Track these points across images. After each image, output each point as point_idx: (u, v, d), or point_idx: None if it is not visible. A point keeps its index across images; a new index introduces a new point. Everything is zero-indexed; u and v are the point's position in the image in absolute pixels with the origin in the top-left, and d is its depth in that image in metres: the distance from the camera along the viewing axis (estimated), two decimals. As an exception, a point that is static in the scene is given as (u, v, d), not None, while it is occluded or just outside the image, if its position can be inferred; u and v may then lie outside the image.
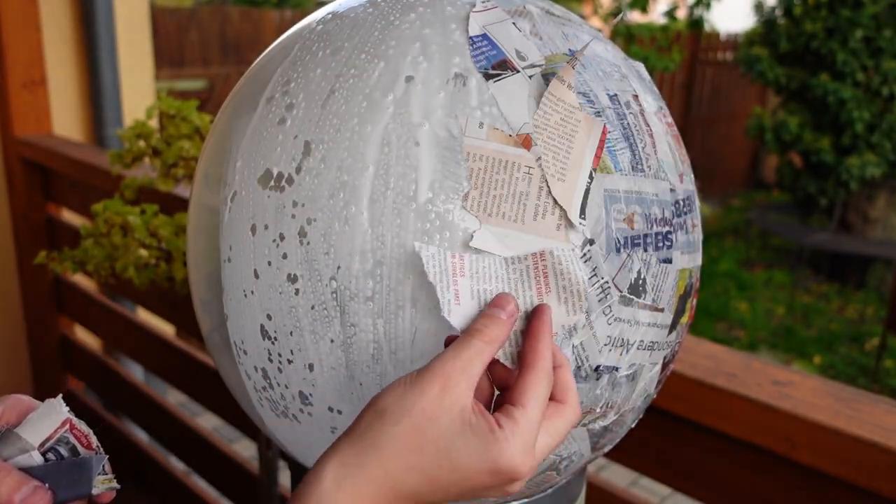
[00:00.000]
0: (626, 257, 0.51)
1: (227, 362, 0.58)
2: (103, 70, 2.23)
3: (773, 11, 5.54)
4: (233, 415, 1.48)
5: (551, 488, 0.63)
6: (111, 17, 2.22)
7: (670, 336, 0.57)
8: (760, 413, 0.80)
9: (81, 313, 2.08)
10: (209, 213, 0.57)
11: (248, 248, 0.52)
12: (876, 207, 5.24)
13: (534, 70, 0.51)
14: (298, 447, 0.59)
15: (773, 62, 5.38)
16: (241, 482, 1.52)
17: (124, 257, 1.08)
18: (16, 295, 2.29)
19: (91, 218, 1.35)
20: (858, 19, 4.94)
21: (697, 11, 4.64)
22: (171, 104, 1.17)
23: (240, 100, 0.58)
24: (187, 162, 1.14)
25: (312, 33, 0.56)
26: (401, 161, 0.48)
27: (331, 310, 0.50)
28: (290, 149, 0.51)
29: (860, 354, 4.10)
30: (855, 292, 4.98)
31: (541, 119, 0.49)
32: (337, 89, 0.51)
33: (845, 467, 0.75)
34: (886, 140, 5.03)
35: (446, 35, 0.52)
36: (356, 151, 0.49)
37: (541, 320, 0.47)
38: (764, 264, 5.45)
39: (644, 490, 2.55)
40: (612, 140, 0.52)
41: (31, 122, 2.09)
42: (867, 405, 0.79)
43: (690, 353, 0.89)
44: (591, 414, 0.55)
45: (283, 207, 0.51)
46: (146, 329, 1.75)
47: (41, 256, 1.16)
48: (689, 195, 0.59)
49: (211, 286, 0.57)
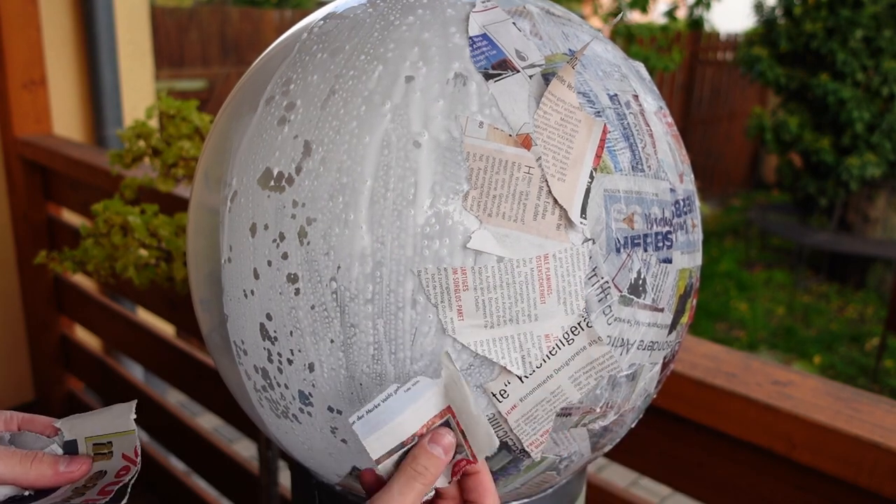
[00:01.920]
0: (626, 257, 0.51)
1: (227, 362, 0.58)
2: (103, 70, 2.23)
3: (773, 11, 5.54)
4: (233, 415, 1.49)
5: (551, 488, 0.63)
6: (111, 17, 2.22)
7: (670, 336, 0.57)
8: (760, 413, 0.80)
9: (81, 313, 2.08)
10: (209, 213, 0.57)
11: (248, 248, 0.52)
12: (876, 207, 5.24)
13: (534, 70, 0.51)
14: (298, 447, 0.59)
15: (773, 62, 5.38)
16: (241, 482, 1.52)
17: (124, 257, 1.08)
18: (16, 295, 2.29)
19: (91, 218, 1.35)
20: (858, 19, 4.94)
21: (697, 11, 4.64)
22: (171, 104, 1.17)
23: (240, 100, 0.58)
24: (187, 162, 1.14)
25: (312, 34, 0.56)
26: (400, 163, 0.48)
27: (331, 310, 0.50)
28: (289, 149, 0.51)
29: (860, 354, 4.10)
30: (855, 292, 4.98)
31: (541, 119, 0.49)
32: (337, 90, 0.51)
33: (845, 467, 0.75)
34: (886, 140, 5.03)
35: (446, 38, 0.52)
36: (355, 153, 0.49)
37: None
38: (764, 264, 5.45)
39: (644, 490, 2.55)
40: (613, 140, 0.52)
41: (30, 122, 2.09)
42: (867, 405, 0.79)
43: (690, 353, 0.89)
44: (591, 414, 0.55)
45: (283, 207, 0.51)
46: (146, 329, 1.75)
47: (41, 256, 1.16)
48: (689, 195, 0.59)
49: (211, 286, 0.57)
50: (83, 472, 0.49)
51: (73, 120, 2.30)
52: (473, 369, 0.49)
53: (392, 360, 0.50)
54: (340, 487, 0.64)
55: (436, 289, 0.47)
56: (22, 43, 2.04)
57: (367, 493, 0.49)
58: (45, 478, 0.48)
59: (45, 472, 0.48)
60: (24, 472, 0.47)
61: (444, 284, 0.47)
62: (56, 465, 0.48)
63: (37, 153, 2.01)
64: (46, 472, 0.48)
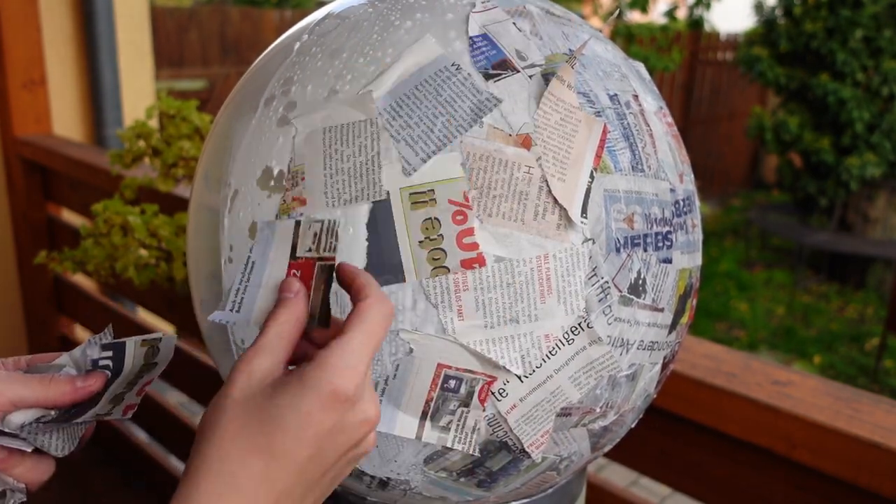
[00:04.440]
0: (626, 257, 0.51)
1: (227, 362, 0.58)
2: (103, 70, 2.23)
3: (773, 11, 5.54)
4: (233, 415, 1.48)
5: (551, 488, 0.63)
6: (111, 17, 2.22)
7: (670, 336, 0.57)
8: (760, 413, 0.80)
9: (81, 313, 2.08)
10: (209, 213, 0.57)
11: (248, 247, 0.52)
12: (876, 207, 5.24)
13: (534, 70, 0.51)
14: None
15: (773, 62, 5.38)
16: (241, 482, 1.52)
17: (124, 257, 1.08)
18: (16, 295, 2.29)
19: (91, 218, 1.35)
20: (858, 19, 4.94)
21: (697, 11, 4.64)
22: (171, 104, 1.17)
23: (240, 100, 0.58)
24: (187, 162, 1.14)
25: (312, 34, 0.56)
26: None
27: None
28: (289, 149, 0.51)
29: (860, 354, 4.10)
30: (855, 292, 4.98)
31: (541, 119, 0.49)
32: (337, 91, 0.51)
33: (845, 467, 0.75)
34: (886, 140, 5.03)
35: (445, 43, 0.51)
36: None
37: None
38: (764, 264, 5.45)
39: (644, 490, 2.55)
40: (612, 140, 0.52)
41: (30, 122, 2.09)
42: (867, 405, 0.79)
43: (690, 353, 0.89)
44: (591, 414, 0.55)
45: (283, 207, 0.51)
46: (146, 329, 1.75)
47: (41, 256, 1.16)
48: (688, 195, 0.59)
49: (211, 286, 0.57)
50: (99, 384, 0.51)
51: (73, 120, 2.30)
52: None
53: (392, 360, 0.50)
54: (340, 487, 0.64)
55: (436, 289, 0.47)
56: (22, 43, 2.04)
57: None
58: (66, 395, 0.50)
59: (64, 389, 0.50)
60: (44, 392, 0.49)
61: (445, 284, 0.47)
62: (73, 382, 0.50)
63: (37, 153, 2.01)
64: (65, 389, 0.50)
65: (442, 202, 0.47)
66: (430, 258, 0.47)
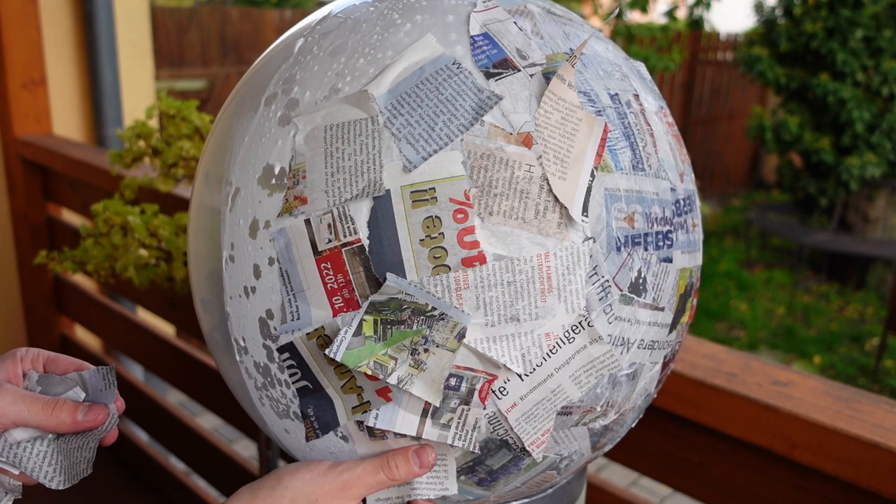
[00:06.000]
0: (627, 256, 0.51)
1: (228, 361, 0.58)
2: (103, 70, 2.23)
3: (773, 11, 5.54)
4: (233, 415, 1.48)
5: (551, 488, 0.63)
6: (111, 17, 2.23)
7: (671, 335, 0.57)
8: (760, 413, 0.80)
9: (81, 313, 2.08)
10: (210, 213, 0.57)
11: (248, 246, 0.52)
12: (876, 207, 5.25)
13: (535, 69, 0.51)
14: (299, 446, 0.59)
15: (773, 62, 5.38)
16: (241, 482, 1.52)
17: (124, 257, 1.08)
18: (16, 295, 2.29)
19: (91, 218, 1.35)
20: (858, 19, 4.94)
21: (697, 11, 4.65)
22: (171, 104, 1.17)
23: (240, 100, 0.58)
24: (187, 162, 1.14)
25: (313, 33, 0.56)
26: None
27: (331, 309, 0.50)
28: (290, 147, 0.51)
29: (860, 354, 4.10)
30: (855, 292, 4.98)
31: (542, 118, 0.49)
32: (337, 90, 0.51)
33: (845, 467, 0.75)
34: (886, 140, 5.03)
35: (446, 45, 0.51)
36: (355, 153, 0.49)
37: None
38: (764, 264, 5.45)
39: (644, 490, 2.55)
40: (613, 139, 0.52)
41: (30, 121, 2.09)
42: (867, 405, 0.79)
43: (690, 353, 0.89)
44: (591, 413, 0.55)
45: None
46: (146, 329, 1.75)
47: (41, 256, 1.16)
48: (689, 194, 0.59)
49: (211, 286, 0.57)
50: (101, 420, 0.52)
51: (73, 120, 2.30)
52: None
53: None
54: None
55: (437, 287, 0.47)
56: (22, 43, 2.04)
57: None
58: (65, 425, 0.51)
59: (64, 420, 0.50)
60: (45, 419, 0.50)
61: (445, 283, 0.47)
62: (75, 414, 0.51)
63: (36, 153, 2.01)
64: (66, 420, 0.50)
65: (443, 200, 0.47)
66: (430, 256, 0.47)
